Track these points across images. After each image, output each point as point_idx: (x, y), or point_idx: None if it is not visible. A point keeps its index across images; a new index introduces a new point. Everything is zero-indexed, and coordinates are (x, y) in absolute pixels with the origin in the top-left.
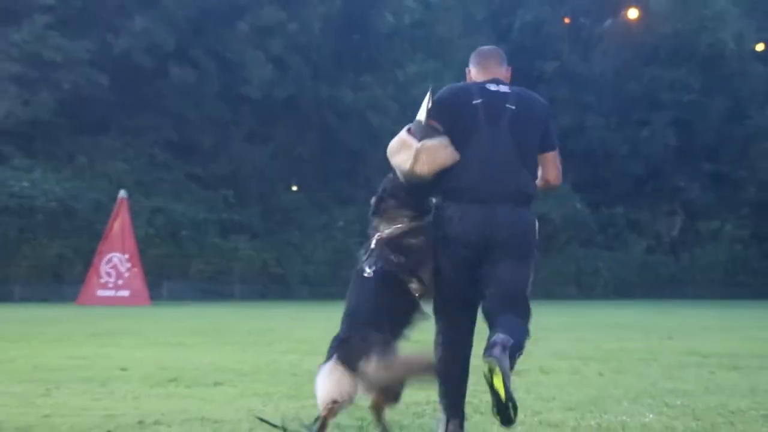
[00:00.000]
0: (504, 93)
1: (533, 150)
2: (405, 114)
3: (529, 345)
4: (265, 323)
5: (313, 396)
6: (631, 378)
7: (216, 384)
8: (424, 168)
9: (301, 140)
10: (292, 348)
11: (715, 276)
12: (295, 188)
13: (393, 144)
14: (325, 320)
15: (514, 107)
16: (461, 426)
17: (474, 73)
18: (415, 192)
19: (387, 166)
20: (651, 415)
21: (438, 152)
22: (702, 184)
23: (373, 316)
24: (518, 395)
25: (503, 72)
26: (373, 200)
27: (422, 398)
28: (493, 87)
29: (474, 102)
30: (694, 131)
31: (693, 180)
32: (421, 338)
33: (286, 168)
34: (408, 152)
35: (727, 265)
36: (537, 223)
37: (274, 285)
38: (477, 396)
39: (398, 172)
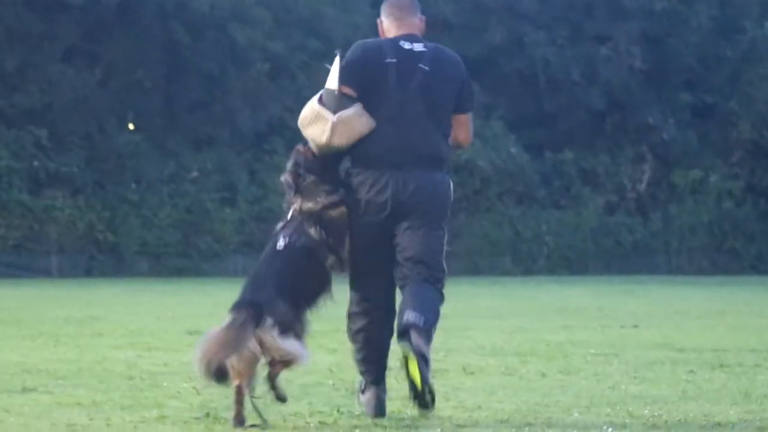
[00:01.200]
0: (418, 52)
1: (446, 111)
2: (281, 27)
3: (450, 339)
4: (91, 308)
5: (155, 405)
6: (584, 380)
7: (24, 390)
8: (342, 140)
9: (139, 61)
10: (126, 342)
11: (696, 243)
12: (131, 126)
13: (305, 115)
14: (173, 304)
15: (427, 67)
16: (384, 392)
17: (387, 25)
18: (329, 164)
19: (258, 101)
20: (610, 429)
21: (354, 123)
22: (679, 121)
23: (279, 287)
24: (437, 403)
25: (417, 23)
26: (286, 177)
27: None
28: (407, 45)
29: (386, 61)
30: (669, 50)
31: (667, 115)
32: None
33: (120, 99)
34: (322, 125)
35: (713, 228)
36: (451, 185)
37: (103, 256)
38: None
39: (312, 145)
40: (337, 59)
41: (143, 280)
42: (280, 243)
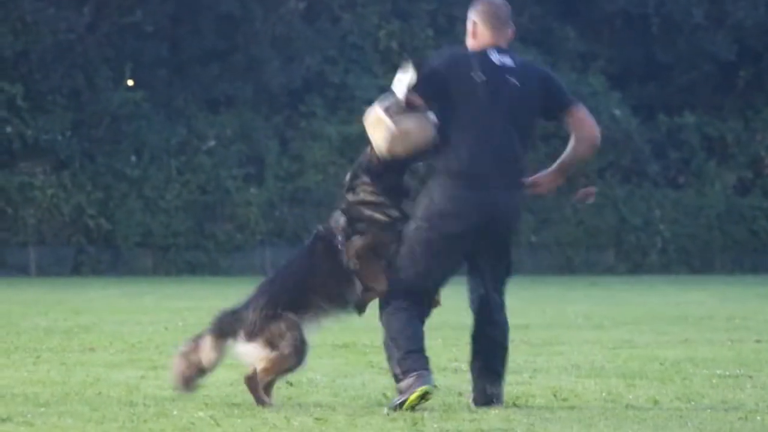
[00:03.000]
0: (509, 68)
1: (531, 129)
2: None
3: (538, 357)
4: (80, 316)
5: None
6: (708, 409)
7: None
8: (399, 150)
9: (137, 2)
10: (125, 358)
11: None
12: (130, 82)
13: (369, 117)
14: (184, 309)
15: (518, 84)
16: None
17: (481, 31)
18: (391, 169)
19: (292, 49)
20: None
21: (413, 135)
22: None
23: (280, 289)
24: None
25: (510, 33)
26: (348, 177)
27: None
28: (496, 58)
29: (474, 78)
30: None
31: None
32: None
33: (114, 46)
34: (383, 131)
35: None
36: None
37: (94, 249)
38: None
39: (375, 148)
40: (410, 68)
41: (146, 279)
42: (309, 240)
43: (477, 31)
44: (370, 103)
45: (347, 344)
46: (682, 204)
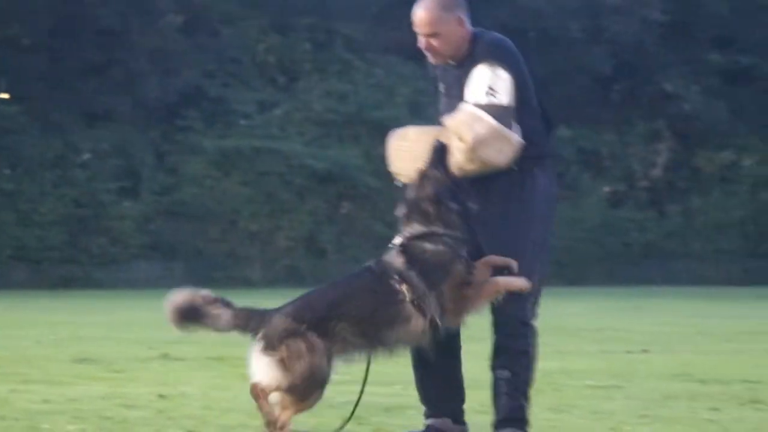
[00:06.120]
0: None
1: None
2: None
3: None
4: None
5: None
6: (579, 419)
7: None
8: (508, 162)
9: (15, 12)
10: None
11: (725, 245)
12: (5, 95)
13: (484, 134)
14: (57, 323)
15: None
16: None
17: (466, 22)
18: (460, 192)
19: (169, 63)
20: None
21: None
22: (705, 88)
23: (308, 305)
24: None
25: None
26: (425, 206)
27: None
28: None
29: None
30: None
31: (690, 81)
32: None
33: None
34: (504, 146)
35: (746, 226)
36: None
37: None
38: None
39: (474, 166)
40: (500, 66)
41: (19, 292)
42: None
43: (466, 25)
44: (247, 116)
45: (220, 357)
46: (557, 216)
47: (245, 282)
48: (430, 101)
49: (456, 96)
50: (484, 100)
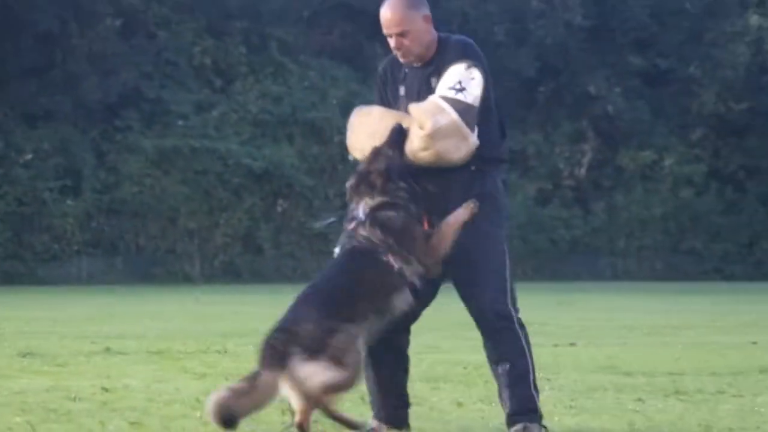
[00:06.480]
0: None
1: None
2: None
3: None
4: None
5: None
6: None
7: None
8: (461, 160)
9: None
10: None
11: (648, 241)
12: None
13: (444, 126)
14: (1, 318)
15: None
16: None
17: (431, 22)
18: (416, 175)
19: (108, 65)
20: None
21: (460, 154)
22: (627, 90)
23: (325, 296)
24: None
25: None
26: (373, 179)
27: None
28: None
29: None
30: (616, 3)
31: (613, 83)
32: None
33: None
34: (458, 142)
35: (668, 222)
36: None
37: None
38: None
39: (427, 155)
40: (477, 69)
41: None
42: (336, 250)
43: (431, 22)
44: (185, 117)
45: (161, 351)
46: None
47: (184, 277)
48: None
49: (416, 95)
50: (452, 94)
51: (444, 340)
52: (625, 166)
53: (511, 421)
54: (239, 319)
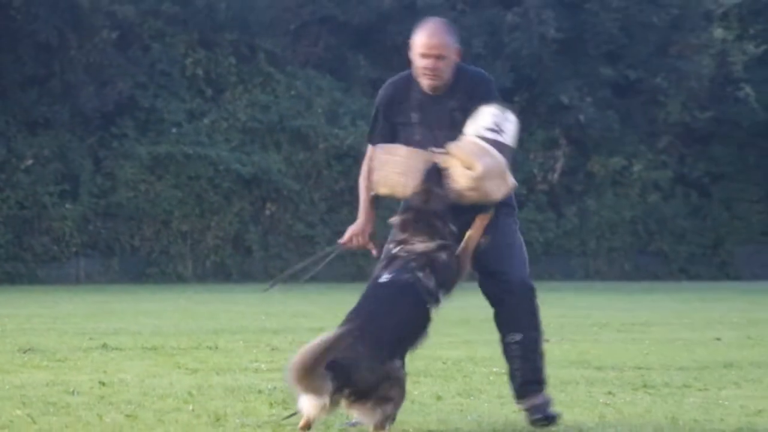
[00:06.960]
0: None
1: None
2: None
3: None
4: None
5: None
6: (486, 403)
7: None
8: (501, 199)
9: None
10: None
11: (617, 243)
12: None
13: (491, 168)
14: (2, 316)
15: None
16: None
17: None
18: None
19: (105, 75)
20: None
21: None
22: (598, 100)
23: (372, 327)
24: None
25: None
26: (434, 221)
27: None
28: None
29: None
30: (587, 17)
31: (584, 93)
32: None
33: None
34: (503, 183)
35: (636, 225)
36: None
37: None
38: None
39: (475, 195)
40: (511, 112)
41: None
42: (384, 277)
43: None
44: (178, 125)
45: (155, 347)
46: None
47: (177, 277)
48: (345, 112)
49: (436, 125)
50: (490, 135)
51: None
52: (596, 172)
53: (521, 391)
54: (229, 317)
